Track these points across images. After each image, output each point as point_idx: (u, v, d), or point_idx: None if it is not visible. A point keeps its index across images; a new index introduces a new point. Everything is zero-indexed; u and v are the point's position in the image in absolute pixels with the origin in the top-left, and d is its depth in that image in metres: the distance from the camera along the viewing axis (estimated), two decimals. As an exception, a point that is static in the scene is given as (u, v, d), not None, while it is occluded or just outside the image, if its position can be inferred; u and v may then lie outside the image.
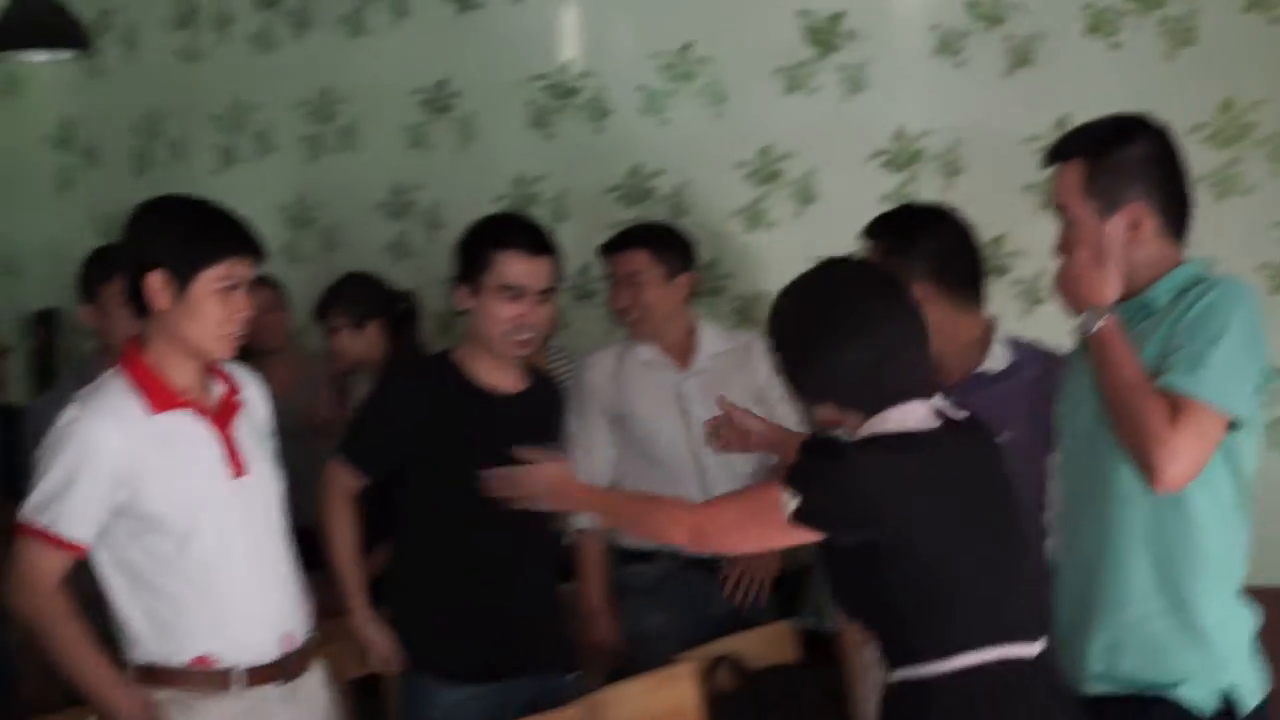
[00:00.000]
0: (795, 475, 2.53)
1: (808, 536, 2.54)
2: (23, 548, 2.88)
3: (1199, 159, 4.40)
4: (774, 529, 2.54)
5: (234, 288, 2.92)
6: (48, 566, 2.86)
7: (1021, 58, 4.69)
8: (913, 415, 2.56)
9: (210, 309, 2.89)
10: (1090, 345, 2.70)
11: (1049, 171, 2.91)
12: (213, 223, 2.97)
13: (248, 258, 2.96)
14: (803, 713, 3.55)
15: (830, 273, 2.69)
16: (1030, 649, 2.54)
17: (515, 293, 3.40)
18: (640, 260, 4.18)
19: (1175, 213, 2.80)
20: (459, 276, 3.48)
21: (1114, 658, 2.74)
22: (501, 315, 3.40)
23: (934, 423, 2.58)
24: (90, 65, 5.90)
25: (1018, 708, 2.48)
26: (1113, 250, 2.71)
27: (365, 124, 5.58)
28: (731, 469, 4.10)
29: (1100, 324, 2.67)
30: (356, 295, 4.70)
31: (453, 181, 5.35)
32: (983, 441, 2.67)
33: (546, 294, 3.47)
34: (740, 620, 4.04)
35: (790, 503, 2.50)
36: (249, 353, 4.70)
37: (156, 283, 2.88)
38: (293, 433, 3.60)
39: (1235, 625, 2.74)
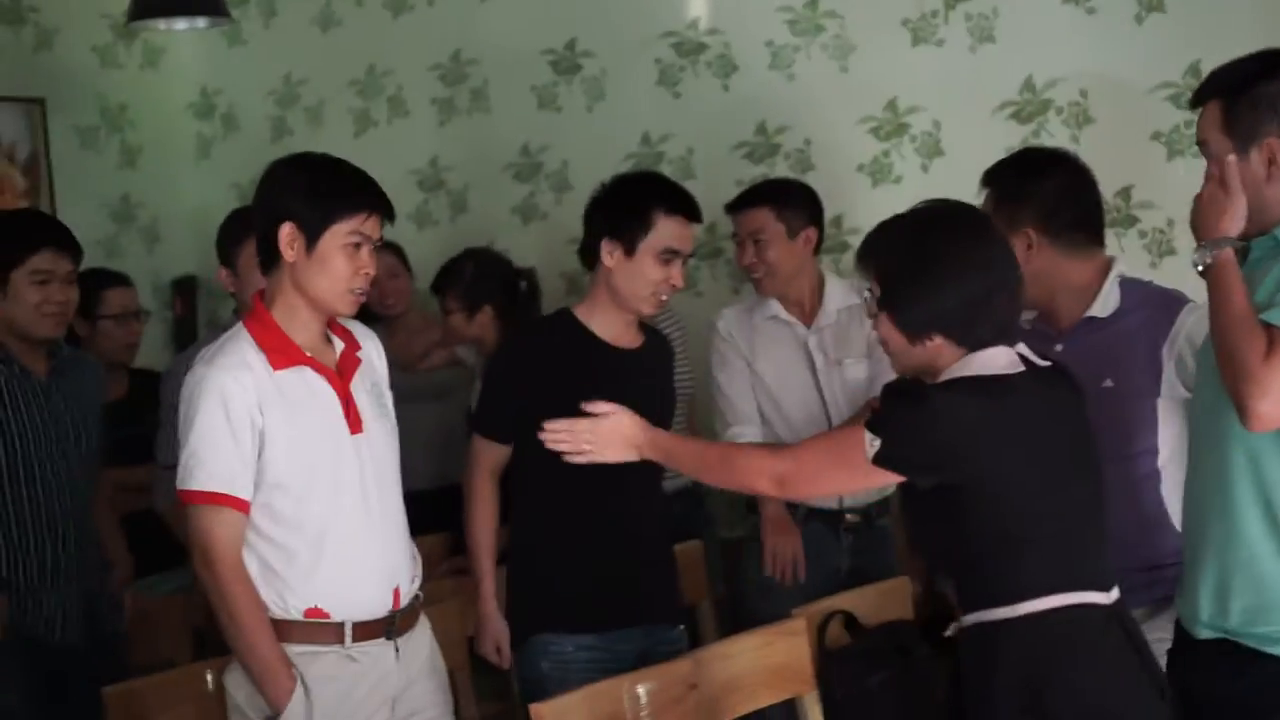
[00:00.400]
0: (878, 418, 2.57)
1: (889, 479, 2.59)
2: (195, 519, 2.91)
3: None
4: (856, 472, 2.59)
5: (361, 244, 2.97)
6: (228, 530, 2.90)
7: (1153, 3, 4.58)
8: (997, 359, 2.57)
9: (338, 263, 2.95)
10: (1205, 278, 2.64)
11: (1178, 119, 2.88)
12: (345, 178, 3.03)
13: (377, 215, 3.01)
14: (915, 669, 3.52)
15: (935, 210, 2.70)
16: (1104, 597, 2.56)
17: (671, 256, 3.41)
18: (763, 218, 4.21)
19: None
20: (608, 233, 3.43)
21: (1223, 601, 2.68)
22: (655, 277, 3.40)
23: (1018, 367, 2.59)
24: (230, 34, 6.00)
25: (1086, 655, 2.48)
26: (1235, 183, 2.65)
27: (495, 86, 5.62)
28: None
29: (1212, 255, 2.61)
30: (471, 279, 4.66)
31: (581, 142, 5.37)
32: (1066, 389, 2.67)
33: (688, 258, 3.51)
34: (863, 574, 4.07)
35: (872, 445, 2.53)
36: (372, 317, 4.81)
37: (286, 234, 2.94)
38: (408, 396, 3.64)
39: None
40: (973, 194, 4.64)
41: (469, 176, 5.68)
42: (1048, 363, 2.69)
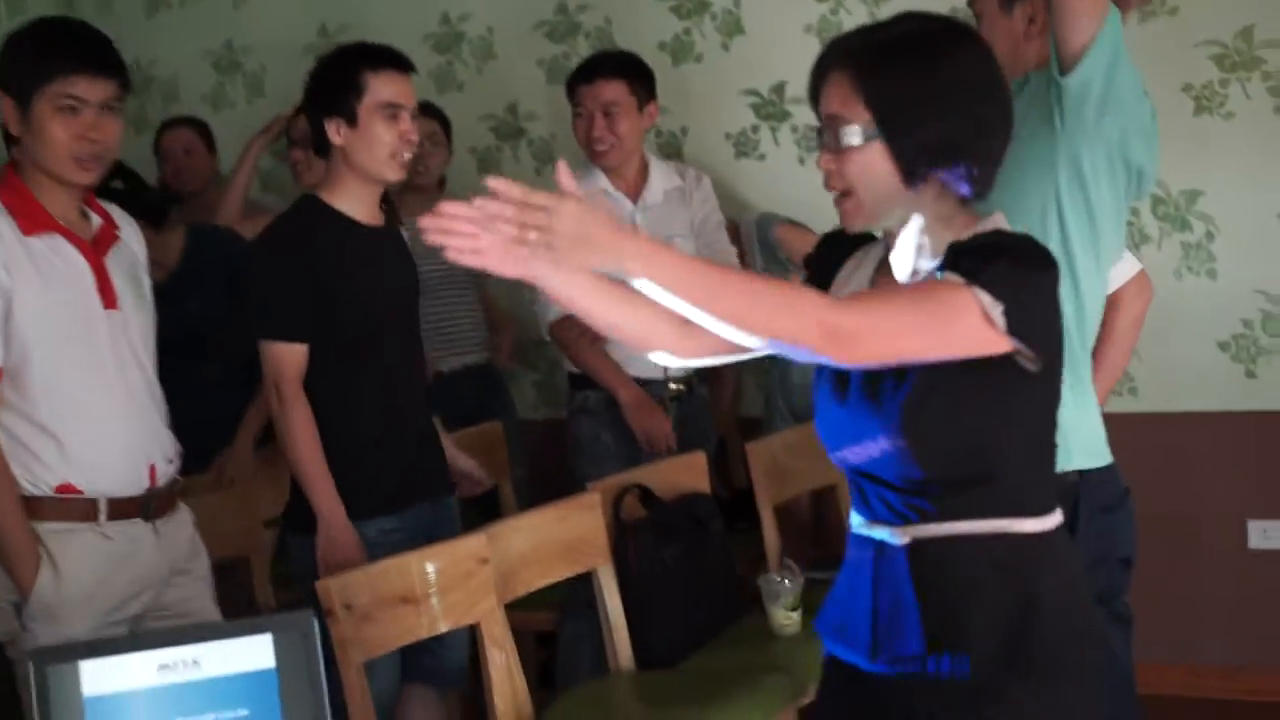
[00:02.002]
0: (992, 278, 2.02)
1: (992, 348, 2.03)
2: None
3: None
4: (958, 337, 2.02)
5: (75, 108, 2.84)
6: None
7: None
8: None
9: (53, 130, 2.83)
10: None
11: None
12: (50, 40, 2.89)
13: (88, 73, 2.85)
14: (710, 542, 3.55)
15: (936, 22, 2.19)
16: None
17: (395, 109, 3.31)
18: (617, 90, 4.18)
19: None
20: (326, 112, 3.30)
21: None
22: (387, 137, 3.29)
23: None
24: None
25: (1071, 571, 2.20)
26: None
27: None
28: None
29: None
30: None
31: (378, 21, 5.24)
32: None
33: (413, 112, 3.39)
34: (686, 444, 4.09)
35: (995, 309, 2.00)
36: (174, 193, 4.68)
37: (7, 108, 2.85)
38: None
39: None
40: (775, 73, 4.71)
41: (265, 58, 5.53)
42: None
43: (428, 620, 2.97)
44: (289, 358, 3.27)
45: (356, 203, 3.35)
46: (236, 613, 3.36)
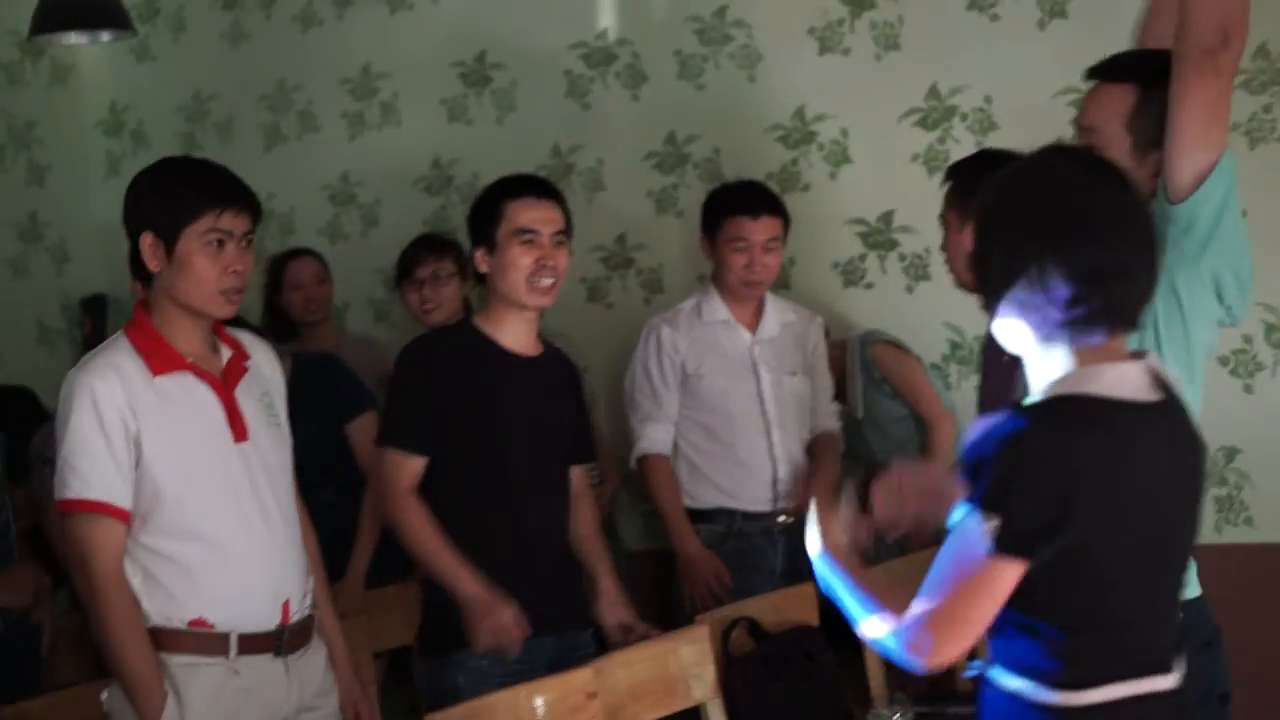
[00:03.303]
0: (983, 489, 2.05)
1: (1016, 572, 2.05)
2: (74, 529, 2.85)
3: (1238, 105, 4.36)
4: (985, 584, 2.06)
5: (225, 241, 2.92)
6: (106, 539, 2.83)
7: (1055, 9, 4.62)
8: (1129, 380, 2.11)
9: (200, 264, 2.90)
10: None
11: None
12: (193, 177, 2.98)
13: (234, 209, 2.94)
14: (819, 675, 3.52)
15: (1056, 159, 2.21)
16: (1167, 681, 2.17)
17: (530, 235, 3.42)
18: (778, 226, 4.33)
19: None
20: (474, 243, 3.51)
21: None
22: (524, 262, 3.41)
23: (1153, 394, 2.13)
24: (138, 49, 5.94)
25: None
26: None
27: (405, 99, 5.58)
28: (788, 425, 4.33)
29: None
30: (458, 247, 4.64)
31: (492, 154, 5.33)
32: (1186, 423, 2.22)
33: (560, 237, 3.49)
34: (797, 575, 4.07)
35: (989, 526, 2.03)
36: (293, 324, 4.78)
37: (148, 245, 2.91)
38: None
39: None
40: (881, 201, 4.74)
41: (380, 190, 5.63)
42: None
43: (536, 755, 2.96)
44: (406, 467, 3.38)
45: (506, 330, 3.46)
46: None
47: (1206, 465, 2.24)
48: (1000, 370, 2.73)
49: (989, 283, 2.16)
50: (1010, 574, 2.05)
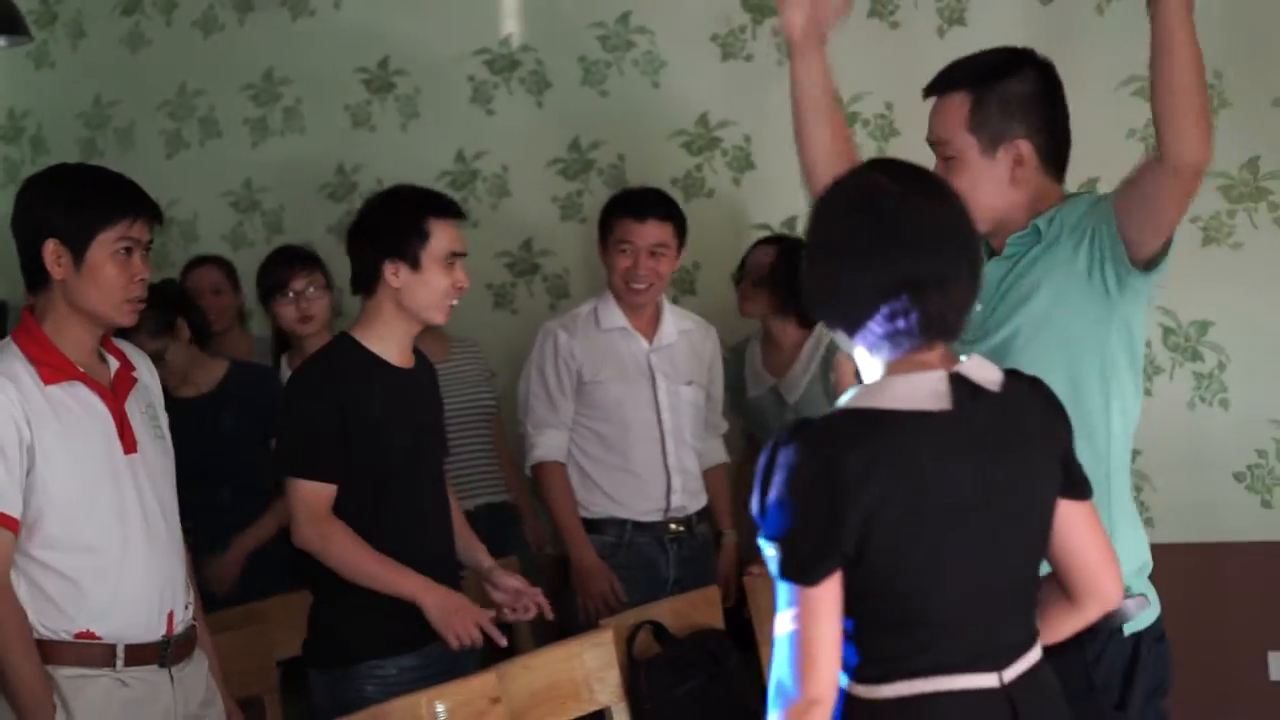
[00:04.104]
0: (760, 517, 2.09)
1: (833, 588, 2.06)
2: None
3: (1133, 112, 4.43)
4: (806, 611, 2.05)
5: (133, 249, 2.91)
6: None
7: (954, 17, 4.68)
8: (918, 390, 2.11)
9: (110, 273, 2.88)
10: None
11: None
12: (103, 185, 2.96)
13: (143, 219, 2.94)
14: (725, 678, 3.53)
15: (867, 173, 2.24)
16: (984, 679, 2.13)
17: (454, 259, 3.42)
18: (668, 232, 4.27)
19: (1058, 151, 2.76)
20: (388, 253, 3.39)
21: None
22: (443, 284, 3.39)
23: (942, 403, 2.10)
24: (36, 55, 5.87)
25: None
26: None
27: (309, 105, 5.55)
28: (683, 435, 4.31)
29: None
30: (320, 260, 4.65)
31: (395, 161, 5.32)
32: (1015, 413, 2.20)
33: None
34: (689, 584, 4.13)
35: (770, 556, 2.07)
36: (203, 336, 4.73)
37: (51, 252, 2.87)
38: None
39: None
40: (786, 207, 4.76)
41: (284, 197, 5.60)
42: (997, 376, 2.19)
43: (438, 762, 2.95)
44: (319, 495, 3.32)
45: (392, 343, 3.42)
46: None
47: (1048, 464, 2.22)
48: None
49: (810, 299, 2.22)
50: (818, 594, 2.04)
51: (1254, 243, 4.39)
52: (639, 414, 4.29)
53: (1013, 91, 2.70)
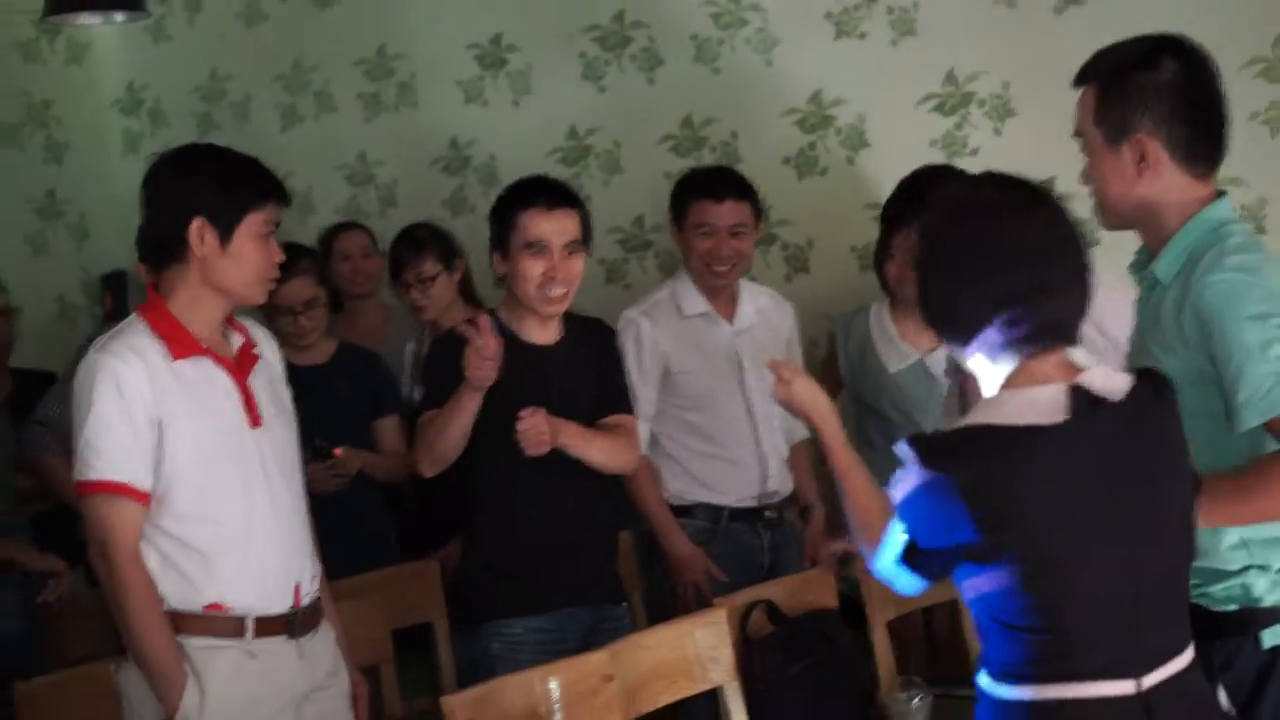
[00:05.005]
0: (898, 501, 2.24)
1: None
2: (92, 510, 2.85)
3: (1255, 93, 4.37)
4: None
5: (271, 234, 2.98)
6: (125, 521, 2.83)
7: (1073, -5, 4.63)
8: (1038, 404, 2.16)
9: (254, 254, 2.94)
10: None
11: None
12: (252, 170, 3.01)
13: (281, 202, 3.01)
14: (838, 657, 3.52)
15: (974, 188, 2.37)
16: (1131, 686, 2.16)
17: (538, 247, 3.45)
18: (746, 211, 4.19)
19: (1198, 145, 2.64)
20: (493, 246, 3.55)
21: None
22: (532, 273, 3.45)
23: (1060, 415, 2.15)
24: (154, 29, 5.96)
25: None
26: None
27: (422, 80, 5.59)
28: (772, 420, 4.25)
29: None
30: (441, 238, 4.65)
31: (508, 136, 5.36)
32: (1140, 420, 2.22)
33: (572, 247, 3.51)
34: (782, 570, 4.12)
35: (898, 535, 2.25)
36: (341, 298, 4.80)
37: (197, 229, 2.90)
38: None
39: None
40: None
41: (397, 171, 5.65)
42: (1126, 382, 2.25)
43: (552, 738, 2.97)
44: None
45: (528, 323, 3.53)
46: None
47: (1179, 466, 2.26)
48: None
49: (928, 313, 2.31)
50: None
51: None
52: (730, 402, 4.23)
53: (1142, 83, 2.60)
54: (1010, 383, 2.22)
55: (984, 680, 2.23)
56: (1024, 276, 2.18)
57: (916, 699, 3.38)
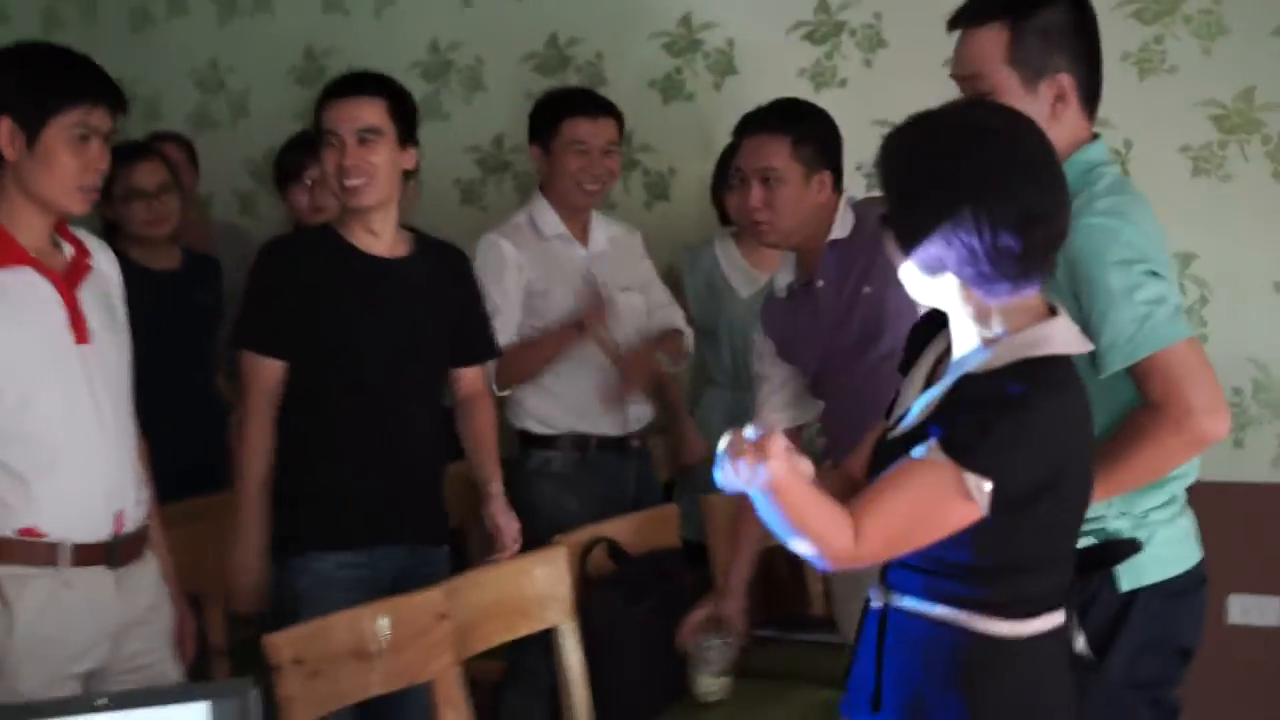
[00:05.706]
0: (966, 445, 2.05)
1: (967, 522, 2.08)
2: None
3: (1128, 33, 4.31)
4: (950, 527, 2.09)
5: (89, 137, 2.78)
6: None
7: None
8: (1071, 333, 2.16)
9: (64, 159, 2.75)
10: None
11: None
12: (63, 66, 2.81)
13: (104, 105, 2.80)
14: (677, 599, 3.44)
15: (964, 113, 2.22)
16: (1058, 618, 2.23)
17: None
18: (615, 130, 4.15)
19: (1094, 84, 2.61)
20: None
21: None
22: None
23: (1085, 343, 2.20)
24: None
25: (1064, 678, 2.24)
26: None
27: (279, -15, 5.38)
28: (631, 343, 4.16)
29: None
30: None
31: (367, 47, 5.16)
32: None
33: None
34: (646, 500, 4.04)
35: (981, 489, 2.04)
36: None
37: (5, 131, 2.73)
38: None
39: None
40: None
41: (250, 79, 5.44)
42: None
43: (380, 677, 2.85)
44: (262, 370, 3.32)
45: (357, 235, 3.38)
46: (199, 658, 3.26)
47: None
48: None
49: (913, 240, 2.12)
50: (968, 518, 2.08)
51: (1244, 176, 4.28)
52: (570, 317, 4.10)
53: (1051, 21, 2.54)
54: (1019, 316, 2.14)
55: (966, 620, 2.16)
56: (1036, 197, 2.08)
57: (719, 644, 3.29)
